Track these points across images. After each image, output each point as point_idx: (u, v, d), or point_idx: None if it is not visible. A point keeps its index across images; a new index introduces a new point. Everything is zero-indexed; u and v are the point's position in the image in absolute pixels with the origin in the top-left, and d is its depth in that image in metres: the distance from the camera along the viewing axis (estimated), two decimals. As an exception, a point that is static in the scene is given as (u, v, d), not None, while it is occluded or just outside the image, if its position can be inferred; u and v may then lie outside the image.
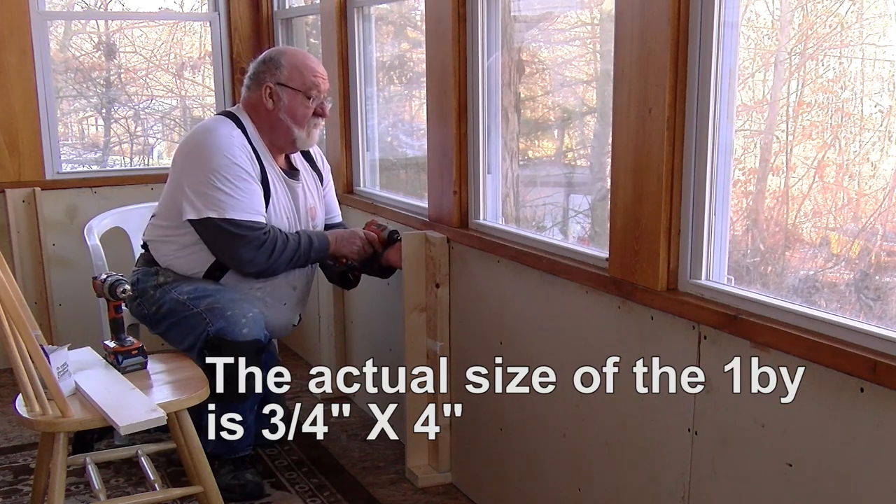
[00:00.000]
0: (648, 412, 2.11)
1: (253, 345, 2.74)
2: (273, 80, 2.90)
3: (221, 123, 2.89)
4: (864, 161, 1.93)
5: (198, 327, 2.75)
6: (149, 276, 2.93)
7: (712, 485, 1.95)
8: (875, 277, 1.85)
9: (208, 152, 2.79)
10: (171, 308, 2.83)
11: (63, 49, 4.65)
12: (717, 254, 1.98)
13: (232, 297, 2.80)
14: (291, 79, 2.90)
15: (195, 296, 2.81)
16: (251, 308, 2.78)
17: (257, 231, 2.79)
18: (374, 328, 3.55)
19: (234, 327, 2.71)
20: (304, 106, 2.90)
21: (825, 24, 1.99)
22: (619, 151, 2.11)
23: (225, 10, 4.45)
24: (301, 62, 2.93)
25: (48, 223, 4.12)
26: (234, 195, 2.76)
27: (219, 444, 2.86)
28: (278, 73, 2.90)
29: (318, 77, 2.93)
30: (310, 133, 2.96)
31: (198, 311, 2.76)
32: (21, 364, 2.27)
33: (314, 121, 2.95)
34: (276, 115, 2.90)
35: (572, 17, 2.96)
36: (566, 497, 2.46)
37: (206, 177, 2.76)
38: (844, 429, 1.64)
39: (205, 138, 2.84)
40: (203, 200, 2.77)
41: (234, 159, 2.78)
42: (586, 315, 2.30)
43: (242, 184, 2.78)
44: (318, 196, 3.13)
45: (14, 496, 2.99)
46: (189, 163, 2.83)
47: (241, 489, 2.88)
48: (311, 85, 2.91)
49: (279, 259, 2.84)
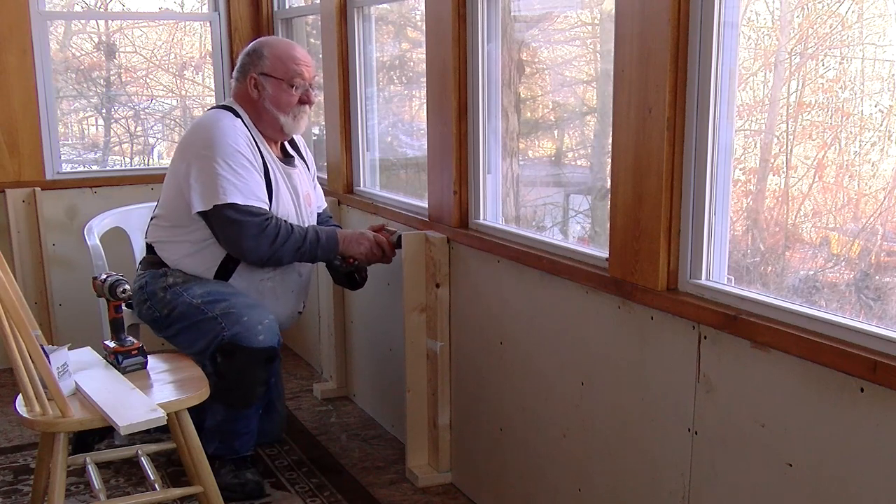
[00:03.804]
0: (648, 412, 2.11)
1: (268, 352, 2.76)
2: (256, 71, 2.95)
3: (223, 116, 2.93)
4: (864, 161, 1.93)
5: (211, 332, 2.76)
6: (157, 277, 2.93)
7: (712, 485, 1.95)
8: (875, 277, 1.85)
9: (213, 143, 2.83)
10: (182, 312, 2.83)
11: (63, 49, 4.65)
12: (718, 254, 1.98)
13: (247, 303, 2.81)
14: (274, 68, 2.94)
15: (209, 300, 2.81)
16: (266, 315, 2.79)
17: (259, 217, 2.80)
18: (374, 328, 3.55)
19: (250, 333, 2.73)
20: (287, 94, 2.94)
21: (825, 24, 1.99)
22: (619, 151, 2.11)
23: (225, 10, 4.45)
24: (283, 51, 2.96)
25: (48, 223, 4.12)
26: (235, 181, 2.79)
27: (221, 445, 2.87)
28: (261, 63, 2.95)
29: (301, 65, 2.96)
30: (296, 118, 2.99)
31: (212, 316, 2.77)
32: (21, 364, 2.27)
33: (300, 108, 2.98)
34: (261, 104, 2.96)
35: (572, 17, 2.96)
36: (566, 497, 2.46)
37: (211, 166, 2.79)
38: (844, 429, 1.64)
39: (209, 132, 2.87)
40: (209, 189, 2.79)
41: (237, 147, 2.82)
42: (586, 315, 2.30)
43: (244, 171, 2.81)
44: (310, 184, 3.17)
45: (14, 496, 2.99)
46: (196, 156, 2.85)
47: (242, 488, 2.88)
48: (294, 73, 2.94)
49: (283, 248, 2.84)
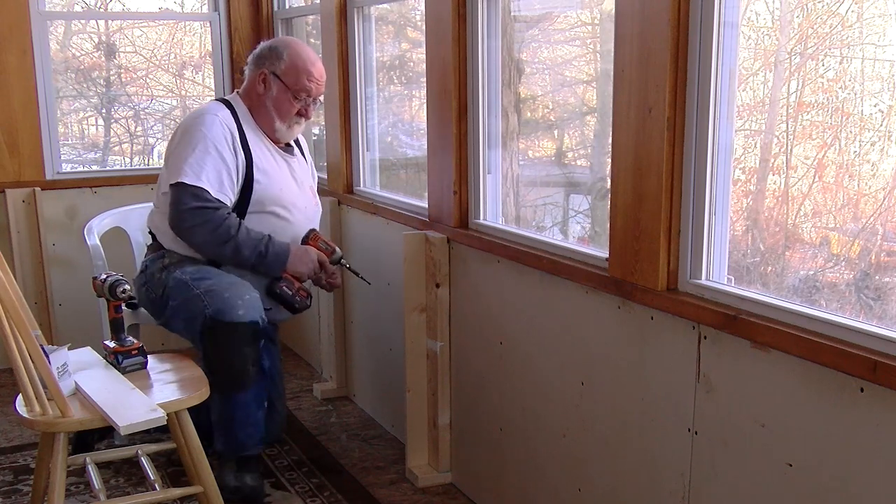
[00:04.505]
0: (648, 412, 2.11)
1: (249, 326, 2.73)
2: (269, 68, 2.97)
3: (213, 106, 2.98)
4: (864, 161, 1.93)
5: (197, 310, 2.75)
6: (155, 260, 2.97)
7: (712, 485, 1.95)
8: (875, 277, 1.85)
9: (189, 129, 2.89)
10: (174, 287, 2.84)
11: (63, 49, 4.65)
12: (717, 254, 1.98)
13: (231, 281, 2.80)
14: (286, 74, 2.96)
15: (198, 276, 2.82)
16: (248, 291, 2.78)
17: (202, 201, 2.82)
18: (374, 328, 3.55)
19: (231, 309, 2.71)
20: (289, 103, 2.97)
21: (825, 24, 1.99)
22: (619, 151, 2.11)
23: (225, 10, 4.45)
24: (301, 62, 2.97)
25: (48, 223, 4.12)
26: (192, 162, 2.82)
27: (228, 442, 2.84)
28: (277, 63, 2.97)
29: (313, 82, 2.98)
30: (290, 127, 3.02)
31: (198, 293, 2.77)
32: (21, 364, 2.27)
33: (297, 118, 3.01)
34: (263, 100, 2.99)
35: (572, 17, 2.96)
36: (566, 497, 2.46)
37: (180, 149, 2.85)
38: (844, 429, 1.64)
39: (190, 121, 2.93)
40: (172, 171, 2.85)
41: (206, 132, 2.85)
42: (586, 315, 2.30)
43: (205, 155, 2.83)
44: (312, 180, 3.19)
45: (14, 496, 2.99)
46: (174, 143, 2.92)
47: (238, 492, 2.85)
48: (302, 88, 2.96)
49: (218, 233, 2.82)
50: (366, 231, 3.54)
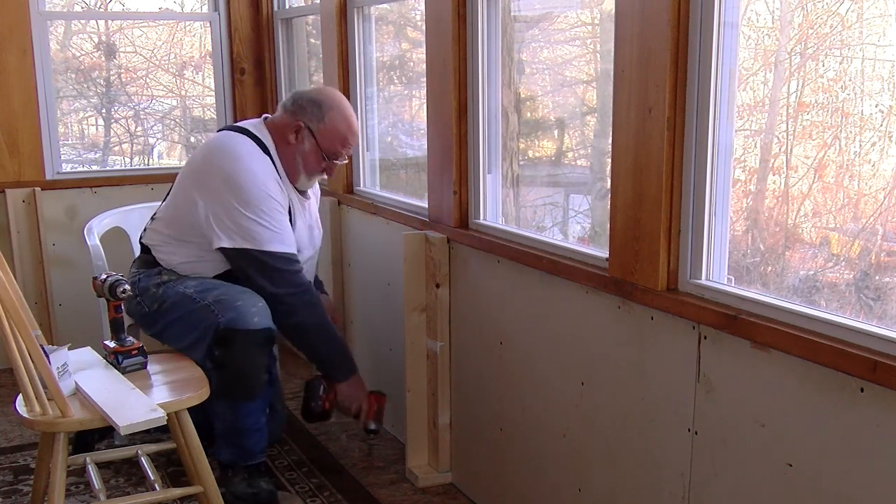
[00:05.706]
0: (648, 412, 2.11)
1: (264, 333, 2.74)
2: (307, 123, 2.90)
3: (250, 150, 2.86)
4: (864, 161, 1.93)
5: (205, 320, 2.73)
6: (151, 276, 2.92)
7: (712, 485, 1.95)
8: (875, 277, 1.85)
9: (242, 184, 2.78)
10: (175, 302, 2.82)
11: (63, 49, 4.65)
12: (717, 254, 1.98)
13: (240, 289, 2.79)
14: (323, 136, 2.90)
15: (201, 289, 2.80)
16: (259, 299, 2.78)
17: (296, 263, 2.86)
18: (374, 328, 3.55)
19: (245, 317, 2.70)
20: (317, 162, 2.94)
21: (825, 24, 1.99)
22: (619, 151, 2.11)
23: (225, 10, 4.45)
24: (341, 127, 2.92)
25: (48, 223, 4.12)
26: (272, 229, 2.79)
27: (234, 451, 2.84)
28: (317, 122, 2.90)
29: (346, 148, 2.96)
30: (311, 179, 3.01)
31: (206, 304, 2.75)
32: (21, 364, 2.27)
33: (320, 173, 3.00)
34: (292, 150, 2.92)
35: (572, 17, 2.96)
36: (566, 497, 2.46)
37: (243, 211, 2.77)
38: (844, 429, 1.64)
39: (237, 168, 2.80)
40: (241, 233, 2.77)
41: (268, 192, 2.80)
42: (586, 315, 2.30)
43: (278, 216, 2.81)
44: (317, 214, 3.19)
45: (14, 496, 2.99)
46: (220, 191, 2.79)
47: (255, 497, 2.85)
48: (335, 153, 2.94)
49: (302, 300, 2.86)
50: (366, 231, 3.55)
